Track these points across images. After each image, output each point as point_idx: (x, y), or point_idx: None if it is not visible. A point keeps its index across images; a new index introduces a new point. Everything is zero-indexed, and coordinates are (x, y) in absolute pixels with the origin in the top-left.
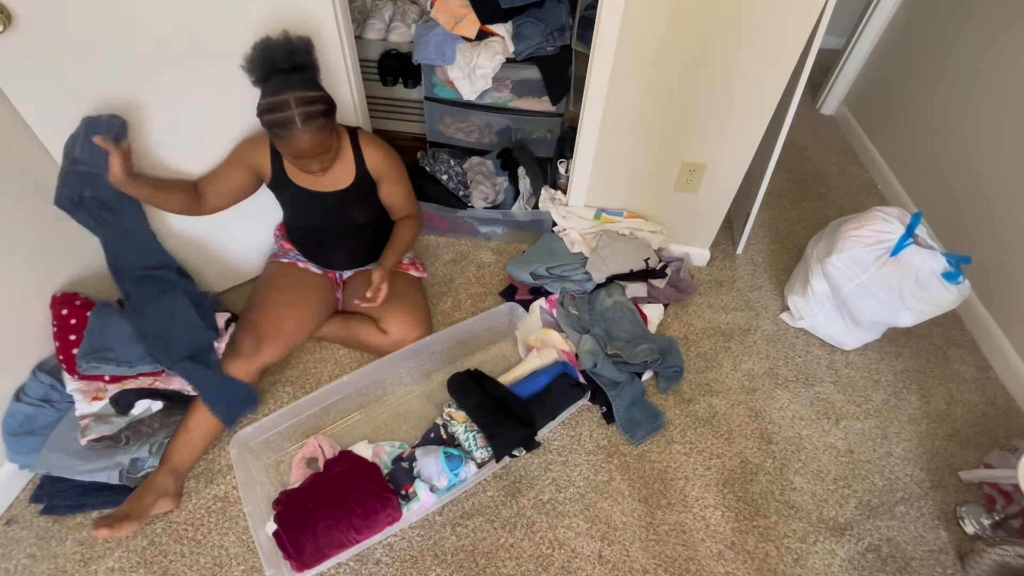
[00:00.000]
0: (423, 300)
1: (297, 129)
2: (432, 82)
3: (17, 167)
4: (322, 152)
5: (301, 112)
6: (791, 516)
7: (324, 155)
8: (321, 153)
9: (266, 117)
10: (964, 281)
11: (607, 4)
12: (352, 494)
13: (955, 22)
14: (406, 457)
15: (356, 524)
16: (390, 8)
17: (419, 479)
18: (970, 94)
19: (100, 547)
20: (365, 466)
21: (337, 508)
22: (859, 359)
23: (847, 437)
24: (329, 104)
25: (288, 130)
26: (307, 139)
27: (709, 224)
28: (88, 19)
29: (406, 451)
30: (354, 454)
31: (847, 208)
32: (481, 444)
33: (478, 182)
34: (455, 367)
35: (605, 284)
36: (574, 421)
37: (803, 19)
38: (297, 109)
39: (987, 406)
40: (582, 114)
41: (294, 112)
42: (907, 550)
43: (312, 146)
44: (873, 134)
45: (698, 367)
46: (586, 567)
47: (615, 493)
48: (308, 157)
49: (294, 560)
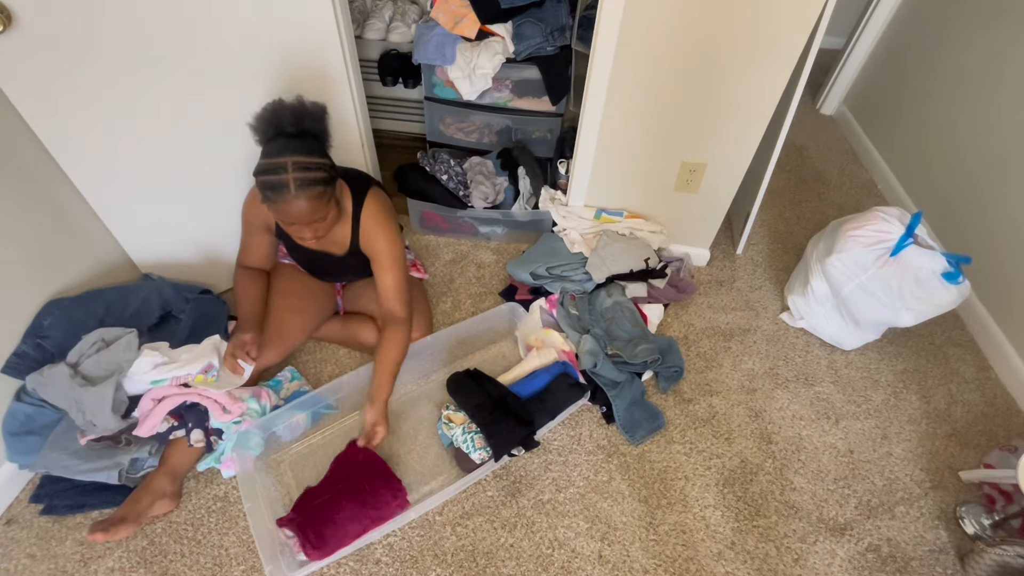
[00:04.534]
0: (424, 301)
1: (290, 195)
2: (432, 82)
3: (17, 167)
4: (315, 221)
5: (297, 178)
6: (791, 516)
7: (318, 224)
8: (314, 222)
9: (260, 179)
10: (964, 281)
11: (607, 4)
12: (363, 487)
13: (955, 22)
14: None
15: (371, 515)
16: (390, 8)
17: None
18: (970, 94)
19: (100, 547)
20: (372, 459)
21: (351, 500)
22: (859, 359)
23: (847, 437)
24: (329, 173)
25: (281, 195)
26: (300, 206)
27: (709, 224)
28: (88, 19)
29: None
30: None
31: (847, 208)
32: (479, 445)
33: (478, 182)
34: (455, 367)
35: (605, 284)
36: (574, 421)
37: (803, 19)
38: (293, 174)
39: (987, 406)
40: (582, 114)
41: (289, 176)
42: (907, 550)
43: (305, 214)
44: (873, 134)
45: (698, 367)
46: (586, 567)
47: (615, 493)
48: (300, 224)
49: (318, 551)
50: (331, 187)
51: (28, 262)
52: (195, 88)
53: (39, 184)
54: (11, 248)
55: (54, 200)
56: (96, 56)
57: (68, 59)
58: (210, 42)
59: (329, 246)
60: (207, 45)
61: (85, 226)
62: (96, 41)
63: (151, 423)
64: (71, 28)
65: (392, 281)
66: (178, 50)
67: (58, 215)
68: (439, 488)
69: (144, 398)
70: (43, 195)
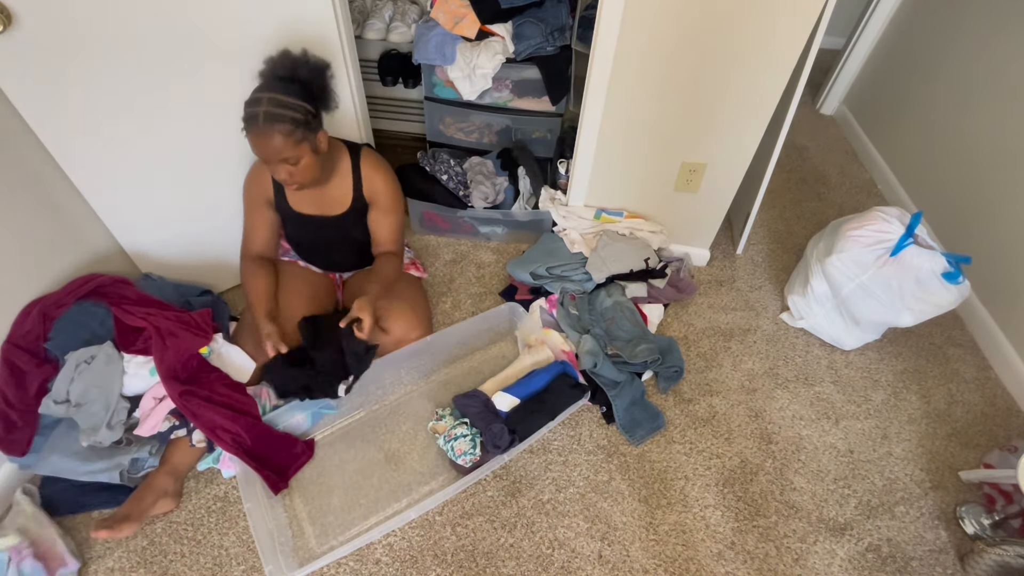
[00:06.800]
0: (424, 300)
1: (258, 127)
2: (432, 82)
3: (17, 167)
4: (283, 159)
5: (268, 111)
6: (791, 516)
7: (291, 165)
8: (285, 161)
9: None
10: (964, 281)
11: (607, 4)
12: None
13: (955, 22)
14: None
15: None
16: (390, 8)
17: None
18: (970, 94)
19: (100, 547)
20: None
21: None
22: (859, 359)
23: (847, 437)
24: (305, 115)
25: (252, 126)
26: (266, 141)
27: (709, 224)
28: (89, 19)
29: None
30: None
31: (847, 208)
32: (459, 452)
33: (478, 182)
34: (455, 367)
35: (605, 284)
36: (574, 421)
37: (803, 19)
38: (266, 107)
39: (987, 406)
40: (582, 114)
41: (262, 109)
42: (907, 550)
43: (272, 150)
44: (873, 134)
45: (698, 367)
46: (586, 567)
47: (615, 493)
48: (268, 161)
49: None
50: (305, 129)
51: (26, 262)
52: (195, 88)
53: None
54: (11, 246)
55: (54, 200)
56: (96, 56)
57: (68, 59)
58: (211, 42)
59: (330, 206)
60: (208, 45)
61: (85, 226)
62: (96, 41)
63: (152, 422)
64: (71, 28)
65: (390, 224)
66: (179, 50)
67: (58, 215)
68: (439, 488)
69: (145, 397)
70: (43, 195)
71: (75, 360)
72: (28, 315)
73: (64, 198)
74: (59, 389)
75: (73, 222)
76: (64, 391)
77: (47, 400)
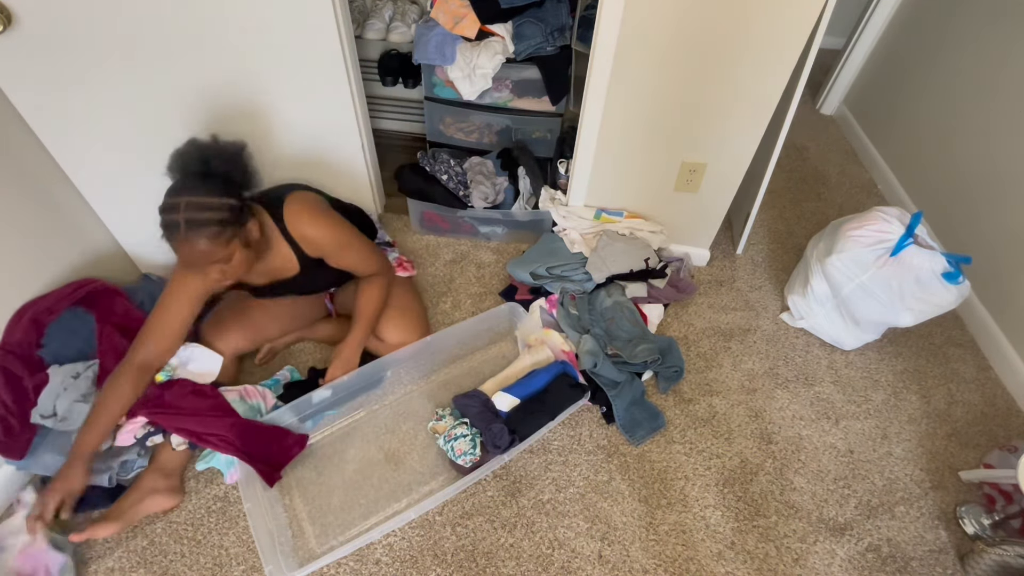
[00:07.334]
0: (418, 303)
1: (180, 236)
2: (432, 82)
3: (17, 166)
4: (212, 263)
5: (188, 218)
6: (791, 516)
7: (222, 265)
8: (215, 263)
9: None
10: (964, 281)
11: (607, 4)
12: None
13: (955, 22)
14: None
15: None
16: (390, 8)
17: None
18: (970, 94)
19: (100, 547)
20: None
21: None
22: (859, 359)
23: (847, 437)
24: (230, 211)
25: (172, 235)
26: (190, 249)
27: (709, 224)
28: (89, 19)
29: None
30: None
31: (847, 208)
32: (459, 452)
33: (478, 182)
34: (455, 367)
35: (605, 284)
36: (574, 421)
37: (803, 19)
38: (184, 214)
39: (987, 406)
40: (582, 114)
41: (181, 216)
42: (907, 550)
43: (199, 257)
44: (873, 134)
45: (698, 367)
46: (586, 567)
47: (615, 493)
48: (197, 268)
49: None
50: (232, 228)
51: (26, 261)
52: (195, 88)
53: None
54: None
55: (54, 200)
56: (96, 56)
57: (68, 59)
58: (211, 42)
59: (280, 271)
60: (208, 44)
61: (84, 226)
62: (96, 41)
63: (126, 435)
64: (71, 28)
65: (352, 260)
66: (179, 50)
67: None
68: (439, 488)
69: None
70: (42, 195)
71: (61, 376)
72: (19, 321)
73: (64, 198)
74: (45, 404)
75: (73, 222)
76: (51, 406)
77: (34, 412)
